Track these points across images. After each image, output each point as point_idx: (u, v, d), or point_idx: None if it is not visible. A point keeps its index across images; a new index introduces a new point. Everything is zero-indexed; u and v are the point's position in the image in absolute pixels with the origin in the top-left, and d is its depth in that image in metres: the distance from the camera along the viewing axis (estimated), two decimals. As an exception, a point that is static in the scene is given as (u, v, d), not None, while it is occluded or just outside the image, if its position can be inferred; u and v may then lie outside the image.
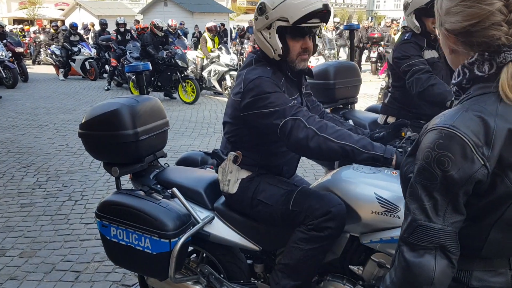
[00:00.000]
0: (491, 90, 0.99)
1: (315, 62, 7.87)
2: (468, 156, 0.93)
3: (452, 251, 0.99)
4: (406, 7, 2.90)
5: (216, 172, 2.14)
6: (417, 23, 2.84)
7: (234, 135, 2.07)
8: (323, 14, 1.85)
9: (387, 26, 17.68)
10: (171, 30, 14.83)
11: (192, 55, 12.83)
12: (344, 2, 68.93)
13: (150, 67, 2.56)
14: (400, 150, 1.79)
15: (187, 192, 2.25)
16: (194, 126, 7.86)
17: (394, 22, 18.55)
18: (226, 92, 10.61)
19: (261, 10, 1.90)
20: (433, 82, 2.69)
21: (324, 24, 1.98)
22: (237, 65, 10.71)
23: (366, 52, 16.25)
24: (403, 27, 3.19)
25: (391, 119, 3.07)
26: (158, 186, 2.29)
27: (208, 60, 11.12)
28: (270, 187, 2.06)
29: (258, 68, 1.95)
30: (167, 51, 10.02)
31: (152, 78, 10.12)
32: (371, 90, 10.63)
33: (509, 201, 0.98)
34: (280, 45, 1.89)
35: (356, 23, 18.19)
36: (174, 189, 2.20)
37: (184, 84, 10.09)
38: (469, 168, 0.94)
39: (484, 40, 0.98)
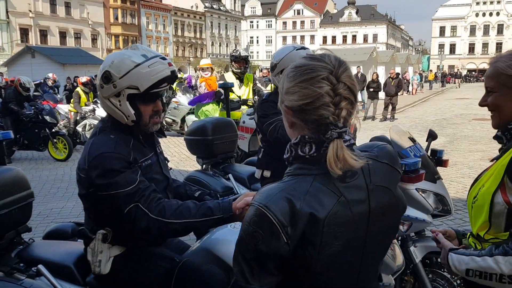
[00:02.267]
0: (306, 173, 1.14)
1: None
2: (275, 234, 1.07)
3: None
4: (273, 68, 3.11)
5: (85, 252, 1.97)
6: None
7: (94, 210, 1.94)
8: (171, 78, 1.90)
9: (263, 76, 18.86)
10: (50, 83, 14.07)
11: (65, 109, 12.20)
12: (221, 53, 71.91)
13: (12, 136, 2.37)
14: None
15: (56, 268, 2.05)
16: (67, 186, 7.32)
17: (264, 70, 20.19)
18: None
19: (107, 78, 1.85)
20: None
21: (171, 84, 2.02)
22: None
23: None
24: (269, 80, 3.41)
25: (266, 173, 3.20)
26: (21, 264, 2.07)
27: (81, 115, 10.70)
28: (147, 264, 1.96)
29: (100, 139, 1.86)
30: (34, 107, 9.36)
31: (18, 136, 9.30)
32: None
33: (306, 270, 1.12)
34: (132, 111, 1.86)
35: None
36: (40, 266, 2.00)
37: (54, 141, 9.46)
38: (275, 245, 1.08)
39: (315, 118, 1.12)
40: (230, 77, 6.70)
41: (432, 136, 3.13)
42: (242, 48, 6.66)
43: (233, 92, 6.56)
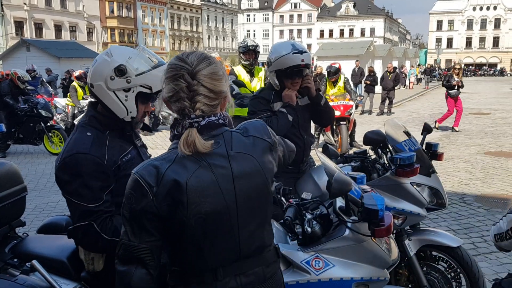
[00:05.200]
0: (177, 146, 1.36)
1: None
2: (143, 193, 1.31)
3: (149, 263, 1.34)
4: (269, 63, 3.11)
5: (77, 251, 1.96)
6: (277, 82, 3.07)
7: None
8: None
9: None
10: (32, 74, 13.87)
11: (62, 102, 12.13)
12: (217, 47, 71.68)
13: (4, 129, 2.36)
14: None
15: (50, 263, 2.04)
16: (63, 180, 7.30)
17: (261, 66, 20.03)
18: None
19: (121, 72, 1.84)
20: (271, 120, 2.97)
21: None
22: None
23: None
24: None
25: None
26: (15, 260, 2.06)
27: (79, 109, 10.65)
28: None
29: (77, 137, 1.84)
30: (29, 101, 9.30)
31: (13, 130, 9.26)
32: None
33: (183, 226, 1.32)
34: (136, 108, 1.90)
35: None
36: (34, 262, 1.98)
37: (50, 134, 9.43)
38: (144, 203, 1.31)
39: (176, 109, 1.37)
40: (239, 71, 6.00)
41: (427, 129, 3.12)
42: (250, 39, 6.05)
43: (247, 89, 5.87)
